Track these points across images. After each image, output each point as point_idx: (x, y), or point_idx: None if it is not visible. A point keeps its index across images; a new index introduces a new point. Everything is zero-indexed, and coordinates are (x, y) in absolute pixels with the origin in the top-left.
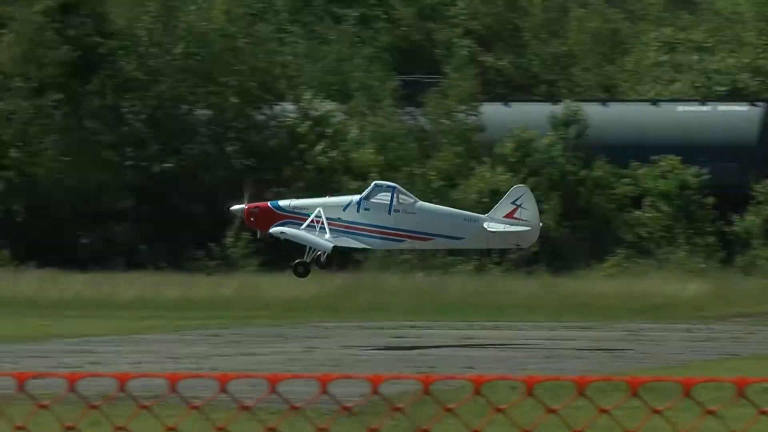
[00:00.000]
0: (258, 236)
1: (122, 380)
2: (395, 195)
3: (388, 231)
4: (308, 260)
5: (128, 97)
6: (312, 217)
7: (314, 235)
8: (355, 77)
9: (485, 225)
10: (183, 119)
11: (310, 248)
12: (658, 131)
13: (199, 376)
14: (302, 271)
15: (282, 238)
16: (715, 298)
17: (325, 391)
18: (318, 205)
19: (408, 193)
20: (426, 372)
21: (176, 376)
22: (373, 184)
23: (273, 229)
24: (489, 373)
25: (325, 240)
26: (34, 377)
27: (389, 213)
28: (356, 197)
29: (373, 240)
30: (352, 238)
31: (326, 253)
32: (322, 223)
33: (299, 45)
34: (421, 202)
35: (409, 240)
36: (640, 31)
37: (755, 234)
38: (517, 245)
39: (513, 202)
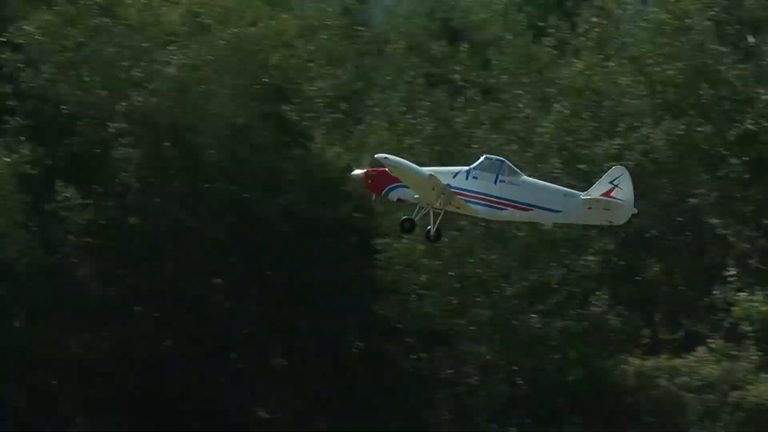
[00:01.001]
0: (373, 199)
1: None
2: (503, 167)
3: (491, 198)
4: (415, 218)
5: None
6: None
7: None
8: None
9: (582, 197)
10: None
11: (419, 208)
12: None
13: None
14: (408, 228)
15: (385, 164)
16: None
17: None
18: (430, 171)
19: (514, 167)
20: None
21: None
22: (483, 156)
23: (377, 155)
24: None
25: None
26: None
27: (495, 183)
28: (467, 167)
29: (476, 206)
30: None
31: (436, 227)
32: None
33: None
34: (525, 177)
35: (510, 209)
36: None
37: None
38: (610, 222)
39: (611, 182)
